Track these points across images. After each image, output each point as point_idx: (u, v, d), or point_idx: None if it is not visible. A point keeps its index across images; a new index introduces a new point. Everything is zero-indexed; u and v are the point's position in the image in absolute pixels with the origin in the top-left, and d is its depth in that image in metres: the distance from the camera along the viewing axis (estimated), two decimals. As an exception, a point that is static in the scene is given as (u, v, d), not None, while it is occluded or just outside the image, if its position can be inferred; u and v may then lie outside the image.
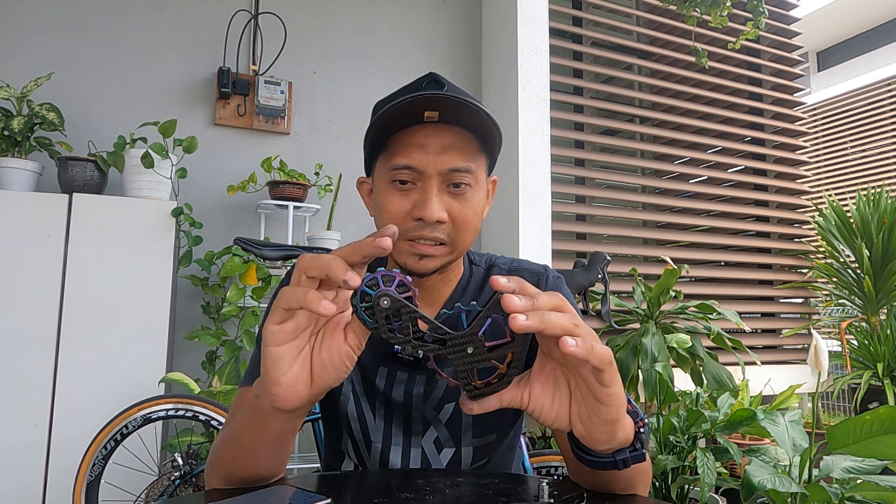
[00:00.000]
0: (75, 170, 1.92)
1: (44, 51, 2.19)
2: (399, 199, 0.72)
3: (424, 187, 0.71)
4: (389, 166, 0.72)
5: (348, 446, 0.81)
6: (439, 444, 0.79)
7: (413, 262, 0.73)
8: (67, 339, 1.78)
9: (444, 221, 0.71)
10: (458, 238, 0.73)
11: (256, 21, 2.48)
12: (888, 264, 3.23)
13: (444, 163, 0.70)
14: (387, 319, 0.48)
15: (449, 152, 0.70)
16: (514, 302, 0.47)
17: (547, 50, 2.69)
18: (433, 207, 0.69)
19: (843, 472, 1.47)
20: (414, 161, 0.70)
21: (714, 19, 2.36)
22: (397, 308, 0.48)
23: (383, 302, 0.48)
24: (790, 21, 3.58)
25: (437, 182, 0.70)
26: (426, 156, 0.70)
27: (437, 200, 0.70)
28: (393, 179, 0.72)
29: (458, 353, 0.49)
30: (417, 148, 0.70)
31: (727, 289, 3.10)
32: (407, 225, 0.71)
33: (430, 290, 0.81)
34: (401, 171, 0.71)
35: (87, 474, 1.54)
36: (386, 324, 0.49)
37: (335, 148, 2.60)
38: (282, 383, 0.51)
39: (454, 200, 0.72)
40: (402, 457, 0.78)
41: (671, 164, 3.14)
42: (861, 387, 3.00)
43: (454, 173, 0.71)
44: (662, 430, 1.82)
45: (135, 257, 1.88)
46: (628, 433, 0.56)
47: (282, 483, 0.64)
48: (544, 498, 0.58)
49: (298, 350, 0.51)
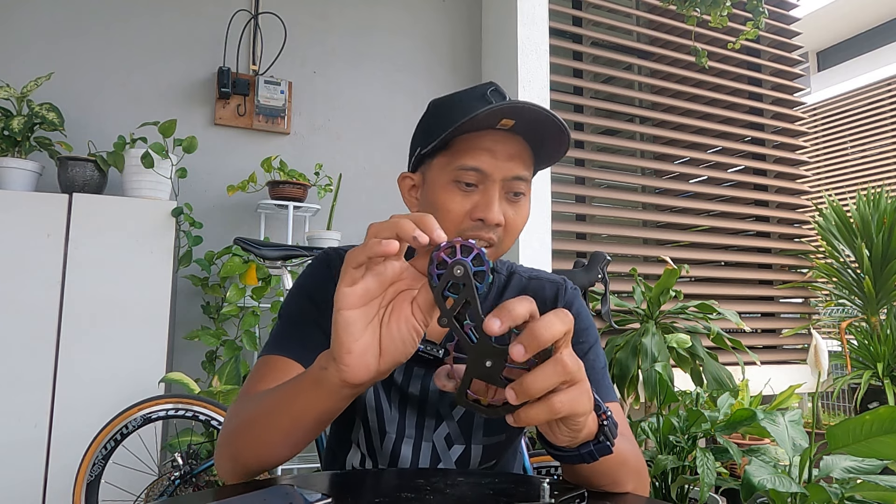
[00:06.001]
0: (75, 170, 1.92)
1: (44, 51, 2.19)
2: (460, 200, 0.74)
3: (487, 190, 0.73)
4: (455, 166, 0.74)
5: (359, 435, 0.81)
6: (450, 441, 0.80)
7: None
8: (67, 339, 1.78)
9: (502, 225, 0.74)
10: (506, 243, 0.76)
11: (256, 21, 2.48)
12: (888, 264, 3.23)
13: (510, 170, 0.73)
14: (448, 287, 0.48)
15: (514, 160, 0.74)
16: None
17: (547, 50, 2.69)
18: (496, 210, 0.72)
19: (842, 471, 1.47)
20: (482, 164, 0.73)
21: (714, 19, 2.35)
22: (463, 283, 0.48)
23: (457, 270, 0.48)
24: (790, 21, 3.58)
25: (499, 188, 0.73)
26: (494, 161, 0.73)
27: (499, 205, 0.73)
28: (456, 180, 0.74)
29: (477, 359, 0.48)
30: (486, 152, 0.73)
31: (727, 289, 3.10)
32: (465, 225, 0.74)
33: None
34: (467, 173, 0.73)
35: (87, 474, 1.54)
36: (444, 287, 0.48)
37: (335, 148, 2.60)
38: (353, 351, 0.50)
39: (510, 207, 0.75)
40: (413, 450, 0.79)
41: (671, 164, 3.14)
42: (861, 387, 3.00)
43: (515, 181, 0.74)
44: (662, 430, 1.82)
45: (135, 257, 1.88)
46: (591, 427, 0.56)
47: (282, 483, 0.64)
48: (545, 498, 0.58)
49: (368, 319, 0.51)
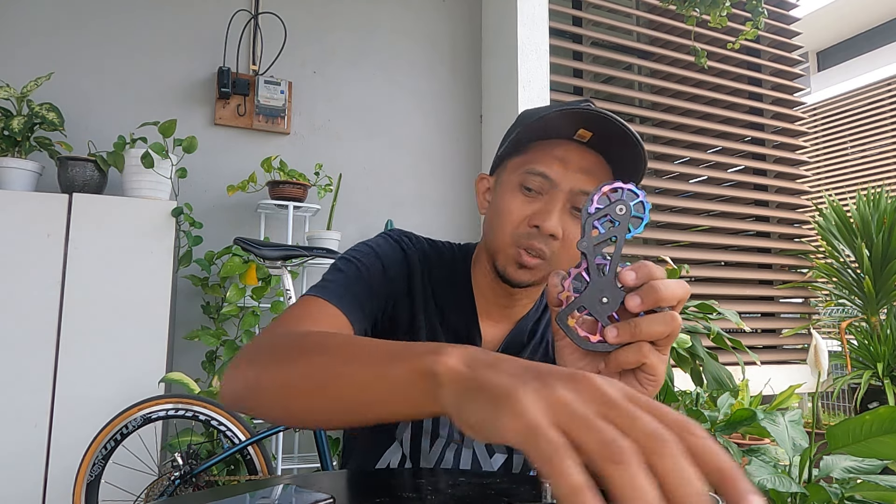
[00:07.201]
0: (75, 170, 1.92)
1: (44, 51, 2.19)
2: (522, 204, 0.72)
3: (551, 199, 0.71)
4: (524, 170, 0.72)
5: (406, 434, 0.79)
6: (491, 449, 0.79)
7: (512, 269, 0.73)
8: (67, 339, 1.78)
9: (558, 238, 0.71)
10: (560, 259, 0.72)
11: (256, 21, 2.48)
12: (888, 264, 3.23)
13: (578, 183, 0.70)
14: (600, 217, 0.50)
15: (585, 174, 0.71)
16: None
17: (547, 50, 2.69)
18: (553, 219, 0.70)
19: (842, 471, 1.47)
20: (550, 172, 0.70)
21: (714, 19, 2.36)
22: (619, 221, 0.49)
23: (619, 209, 0.49)
24: (790, 21, 3.58)
25: (564, 199, 0.71)
26: (564, 171, 0.70)
27: (558, 215, 0.70)
28: (522, 184, 0.72)
29: (595, 292, 0.49)
30: (558, 160, 0.71)
31: (727, 289, 3.10)
32: (521, 230, 0.72)
33: (512, 303, 0.80)
34: (533, 178, 0.71)
35: (87, 474, 1.55)
36: (596, 216, 0.49)
37: (335, 148, 2.60)
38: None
39: (571, 222, 0.72)
40: (455, 455, 0.78)
41: (671, 163, 3.14)
42: (861, 387, 3.00)
43: (581, 196, 0.71)
44: (662, 430, 1.81)
45: (135, 257, 1.88)
46: None
47: (282, 483, 0.64)
48: (546, 498, 0.58)
49: None
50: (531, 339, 0.82)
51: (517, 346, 0.81)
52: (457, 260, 0.83)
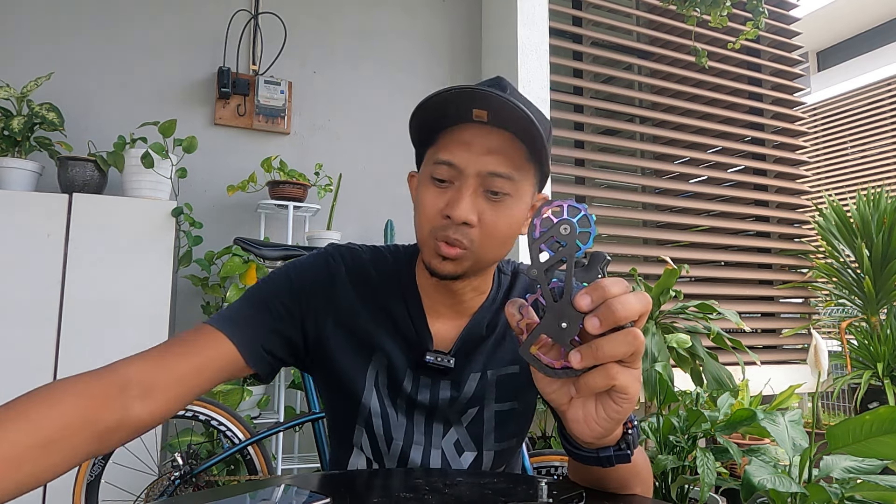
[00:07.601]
0: (75, 170, 1.92)
1: (44, 51, 2.19)
2: (434, 196, 0.70)
3: (460, 186, 0.69)
4: (433, 160, 0.71)
5: (362, 440, 0.78)
6: (460, 447, 0.78)
7: (437, 262, 0.71)
8: (67, 339, 1.78)
9: (473, 225, 0.69)
10: (484, 245, 0.70)
11: (256, 21, 2.48)
12: (888, 264, 3.23)
13: (485, 165, 0.68)
14: (546, 240, 0.49)
15: (493, 156, 0.68)
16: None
17: (547, 50, 2.69)
18: (462, 207, 0.67)
19: (842, 471, 1.47)
20: (455, 158, 0.68)
21: (714, 19, 2.35)
22: (565, 242, 0.49)
23: (563, 228, 0.49)
24: (790, 21, 3.58)
25: (475, 184, 0.68)
26: (469, 155, 0.68)
27: (469, 202, 0.68)
28: (433, 175, 0.70)
29: (553, 319, 0.49)
30: (462, 146, 0.69)
31: (727, 289, 3.10)
32: (437, 223, 0.70)
33: (458, 298, 0.78)
34: (441, 167, 0.69)
35: (87, 474, 1.55)
36: (541, 240, 0.49)
37: (335, 148, 2.60)
38: None
39: (488, 206, 0.69)
40: (423, 455, 0.77)
41: (671, 164, 3.14)
42: (861, 387, 3.00)
43: (493, 178, 0.68)
44: (662, 430, 1.82)
45: (135, 257, 1.88)
46: (617, 433, 0.56)
47: (282, 483, 0.64)
48: (543, 498, 0.58)
49: None
50: (492, 330, 0.80)
51: (476, 339, 0.79)
52: (401, 263, 0.82)
